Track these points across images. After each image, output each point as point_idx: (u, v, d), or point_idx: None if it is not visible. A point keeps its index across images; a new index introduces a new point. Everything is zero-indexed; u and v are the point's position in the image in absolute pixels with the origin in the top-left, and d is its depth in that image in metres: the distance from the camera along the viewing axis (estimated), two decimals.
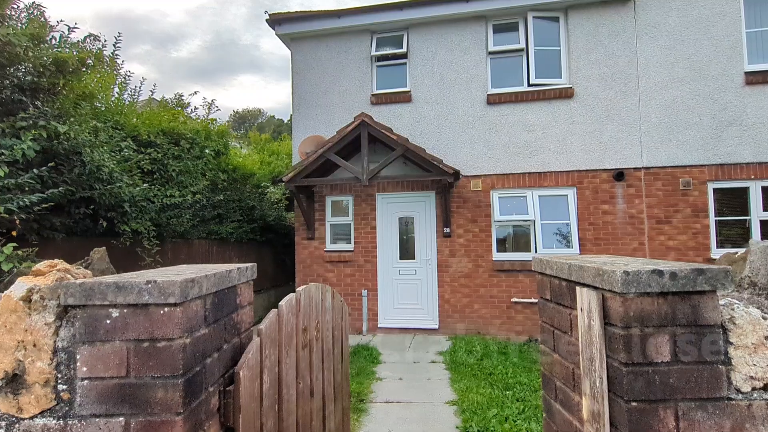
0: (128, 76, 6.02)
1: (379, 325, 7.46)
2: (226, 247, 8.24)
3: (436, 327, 7.25)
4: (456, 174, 6.61)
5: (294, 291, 1.80)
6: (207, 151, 6.99)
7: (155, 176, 5.72)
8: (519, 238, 7.26)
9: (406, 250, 7.56)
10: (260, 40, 69.41)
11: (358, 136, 6.86)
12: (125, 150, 5.06)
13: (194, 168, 6.22)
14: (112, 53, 5.47)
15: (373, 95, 7.72)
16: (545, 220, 6.98)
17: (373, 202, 7.64)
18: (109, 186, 4.63)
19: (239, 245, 8.71)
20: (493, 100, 7.25)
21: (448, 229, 7.25)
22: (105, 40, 5.07)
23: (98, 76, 5.23)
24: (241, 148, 12.38)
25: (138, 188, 5.00)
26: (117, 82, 6.09)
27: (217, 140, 7.12)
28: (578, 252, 6.78)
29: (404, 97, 7.59)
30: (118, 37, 5.35)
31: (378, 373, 5.13)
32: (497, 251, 7.19)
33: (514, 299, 6.98)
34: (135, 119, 6.01)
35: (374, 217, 7.62)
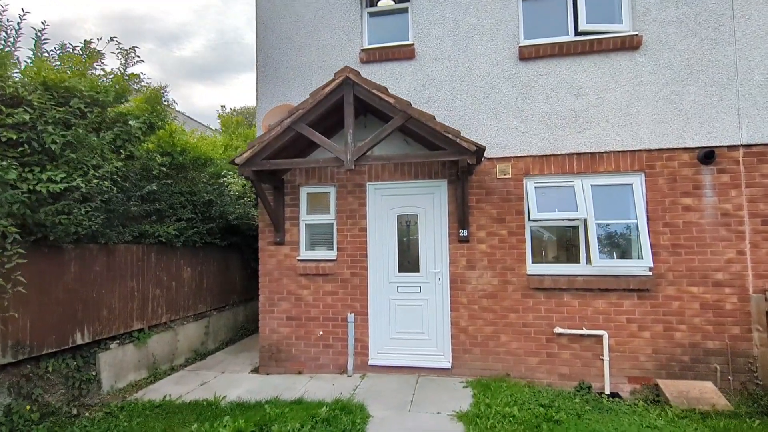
0: None
1: (370, 362, 5.48)
2: (171, 254, 6.26)
3: (449, 366, 5.27)
4: (479, 152, 4.63)
5: None
6: (133, 123, 5.00)
7: (24, 149, 3.73)
8: (564, 245, 5.28)
9: (408, 260, 5.58)
10: None
11: (341, 102, 4.89)
12: None
13: (98, 142, 4.23)
14: None
15: (363, 51, 5.74)
16: (601, 219, 5.00)
17: (362, 194, 5.66)
18: None
19: (192, 251, 6.73)
20: (528, 55, 5.28)
21: (465, 232, 5.27)
22: None
23: None
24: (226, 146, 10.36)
25: None
26: None
27: (144, 106, 5.11)
28: (650, 264, 4.81)
29: (405, 53, 5.61)
30: None
31: None
32: (533, 262, 5.21)
33: (558, 329, 5.00)
34: (11, 71, 4.06)
35: (364, 214, 5.64)
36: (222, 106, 20.39)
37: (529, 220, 5.18)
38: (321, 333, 5.64)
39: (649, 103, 5.00)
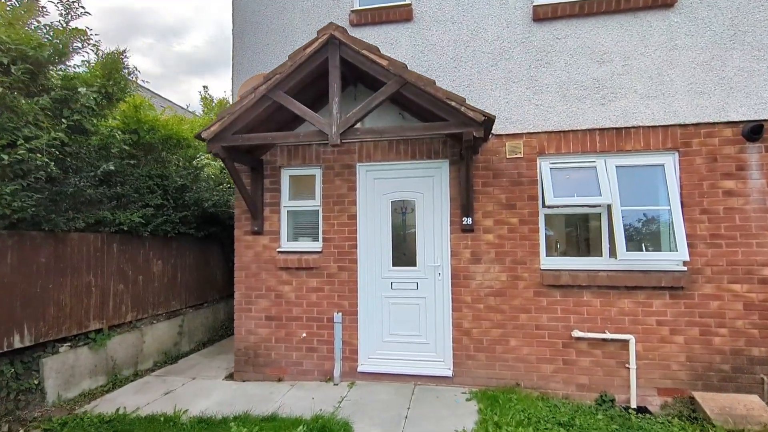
0: None
1: (359, 369, 4.79)
2: (137, 244, 5.55)
3: (450, 374, 4.58)
4: (487, 123, 3.92)
5: None
6: (83, 90, 4.28)
7: None
8: (583, 234, 4.59)
9: (403, 253, 4.89)
10: None
11: (326, 67, 4.17)
12: None
13: (29, 107, 3.52)
14: None
15: (353, 12, 5.02)
16: (628, 205, 4.30)
17: (352, 176, 4.96)
18: None
19: (164, 242, 6.02)
20: (544, 15, 4.56)
21: (470, 220, 4.58)
22: None
23: None
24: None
25: None
26: None
27: (98, 72, 4.39)
28: (685, 258, 4.11)
29: (402, 14, 4.89)
30: None
31: None
32: (547, 255, 4.52)
33: (577, 333, 4.31)
34: None
35: (354, 200, 4.94)
36: (204, 87, 19.55)
37: (543, 206, 4.49)
38: (304, 335, 4.95)
39: (685, 71, 4.29)
